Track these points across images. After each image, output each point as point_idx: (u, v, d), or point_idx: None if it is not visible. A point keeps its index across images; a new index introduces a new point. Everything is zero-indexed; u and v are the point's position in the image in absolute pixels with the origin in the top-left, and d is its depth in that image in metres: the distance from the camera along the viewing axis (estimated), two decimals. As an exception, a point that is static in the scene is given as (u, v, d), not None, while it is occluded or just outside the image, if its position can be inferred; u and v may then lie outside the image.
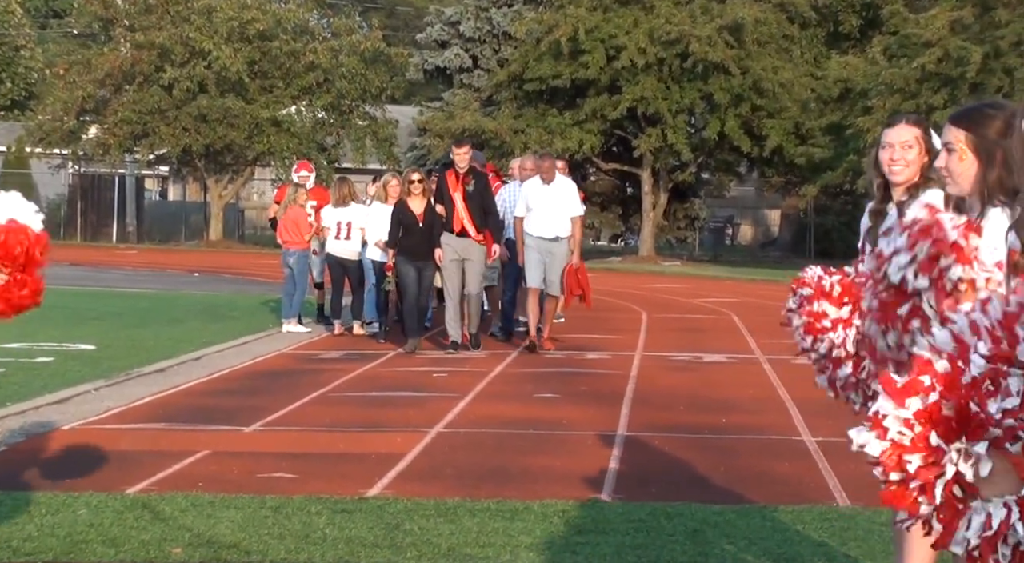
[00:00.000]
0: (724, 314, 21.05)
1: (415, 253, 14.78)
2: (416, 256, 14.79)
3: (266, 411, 10.74)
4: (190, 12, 43.13)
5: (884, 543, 6.50)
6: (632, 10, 39.88)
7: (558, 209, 15.05)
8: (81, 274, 27.06)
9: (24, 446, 9.16)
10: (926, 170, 5.23)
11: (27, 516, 7.01)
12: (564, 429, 10.09)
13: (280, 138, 43.03)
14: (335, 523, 6.95)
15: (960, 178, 3.99)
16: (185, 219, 49.31)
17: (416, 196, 14.83)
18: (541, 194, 15.11)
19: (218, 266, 32.95)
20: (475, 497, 7.57)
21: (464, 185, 14.76)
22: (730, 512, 7.28)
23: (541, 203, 15.06)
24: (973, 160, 3.95)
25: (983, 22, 33.33)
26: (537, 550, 6.47)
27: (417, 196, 14.82)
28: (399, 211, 14.89)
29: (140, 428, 9.98)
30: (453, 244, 14.75)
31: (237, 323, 17.87)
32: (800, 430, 10.16)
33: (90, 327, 17.01)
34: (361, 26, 48.37)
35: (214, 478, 8.10)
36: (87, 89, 43.31)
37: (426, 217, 14.75)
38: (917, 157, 5.26)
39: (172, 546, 6.50)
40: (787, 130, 39.72)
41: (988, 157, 3.85)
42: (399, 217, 14.85)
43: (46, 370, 12.88)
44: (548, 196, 15.09)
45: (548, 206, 15.03)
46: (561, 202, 15.10)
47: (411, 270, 14.87)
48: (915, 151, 5.26)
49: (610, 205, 47.25)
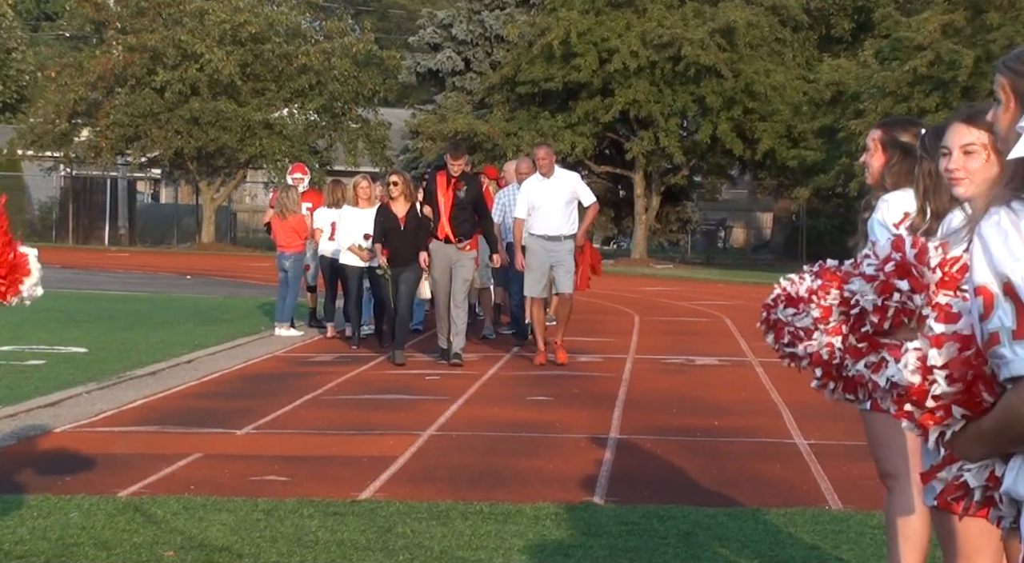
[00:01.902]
0: (716, 317, 21.06)
1: (396, 257, 14.19)
2: (397, 261, 14.19)
3: (258, 414, 10.73)
4: (182, 15, 43.12)
5: (876, 546, 6.50)
6: (624, 13, 39.93)
7: (562, 205, 14.02)
8: (73, 277, 27.02)
9: (16, 449, 9.15)
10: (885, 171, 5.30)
11: (18, 519, 7.00)
12: (556, 432, 10.10)
13: (272, 141, 43.00)
14: (327, 526, 6.95)
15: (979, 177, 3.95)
16: (177, 222, 49.26)
17: (397, 199, 14.22)
18: (542, 190, 14.03)
19: (210, 269, 32.92)
20: (468, 500, 7.57)
21: (455, 191, 14.05)
22: (722, 515, 7.29)
23: (543, 199, 13.99)
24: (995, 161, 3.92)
25: (975, 25, 33.39)
26: (529, 553, 6.47)
27: (398, 199, 14.21)
28: (382, 214, 14.34)
29: (132, 431, 9.97)
30: (441, 252, 14.07)
31: (229, 326, 17.85)
32: (792, 433, 10.17)
33: (82, 330, 16.99)
34: (353, 29, 48.34)
35: (206, 481, 8.09)
36: (79, 92, 43.27)
37: (408, 220, 14.14)
38: (875, 159, 5.34)
39: (164, 549, 6.50)
40: (779, 133, 39.77)
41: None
42: (382, 220, 14.29)
43: (37, 373, 12.86)
44: (550, 191, 14.02)
45: (551, 202, 13.96)
46: (567, 196, 14.09)
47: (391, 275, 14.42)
48: (874, 153, 5.35)
49: (602, 208, 47.09)
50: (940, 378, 2.52)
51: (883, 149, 5.34)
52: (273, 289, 19.28)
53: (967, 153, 4.02)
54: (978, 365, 2.51)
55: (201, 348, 15.09)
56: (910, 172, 5.17)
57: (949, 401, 2.53)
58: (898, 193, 5.17)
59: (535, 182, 14.16)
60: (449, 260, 14.07)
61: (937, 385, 2.52)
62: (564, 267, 13.98)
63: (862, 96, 34.87)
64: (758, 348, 15.75)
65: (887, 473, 5.43)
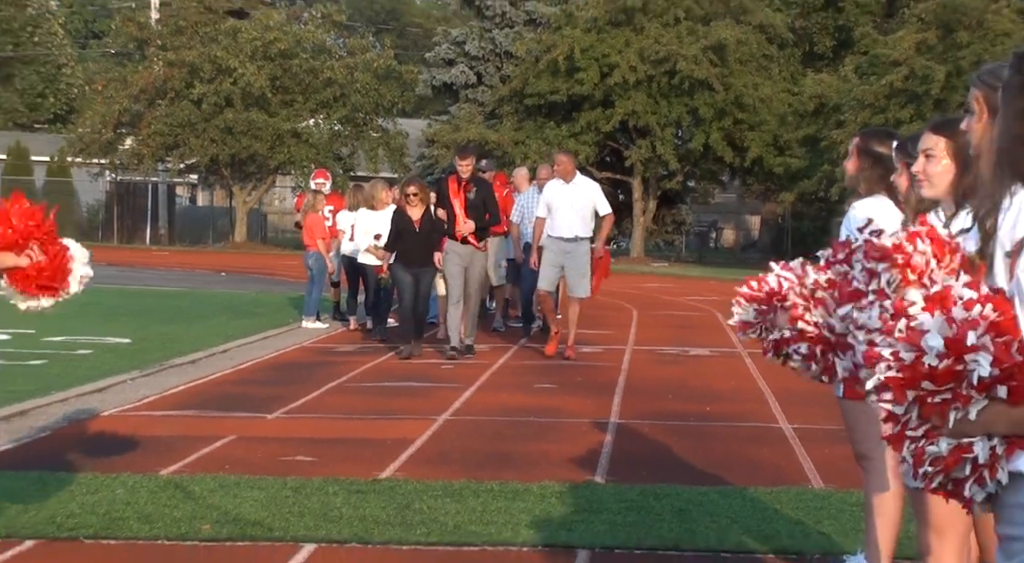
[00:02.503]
0: (708, 311, 21.04)
1: (411, 259, 13.79)
2: (412, 262, 13.80)
3: (287, 400, 10.75)
4: (217, 33, 43.12)
5: (855, 521, 6.51)
6: (624, 31, 39.88)
7: (579, 209, 13.63)
8: (118, 274, 27.04)
9: (66, 431, 9.18)
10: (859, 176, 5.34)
11: (69, 495, 7.03)
12: (561, 417, 10.10)
13: (300, 148, 43.02)
14: (351, 502, 6.96)
15: (937, 180, 4.00)
16: (212, 223, 49.27)
17: (414, 206, 13.90)
18: (562, 194, 13.68)
19: (243, 266, 32.93)
20: (479, 479, 7.58)
21: (466, 192, 13.74)
22: (713, 493, 7.29)
23: (562, 203, 13.63)
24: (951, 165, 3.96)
25: (946, 43, 33.37)
26: (536, 528, 6.48)
27: (415, 206, 13.90)
28: (397, 217, 13.97)
29: (172, 415, 9.99)
30: (458, 252, 13.82)
31: (261, 319, 17.86)
32: (778, 418, 10.17)
33: (126, 322, 17.01)
34: (374, 45, 48.30)
35: (240, 461, 8.10)
36: (123, 104, 43.30)
37: (423, 223, 13.78)
38: (851, 164, 5.39)
39: (201, 523, 6.51)
40: (766, 142, 39.70)
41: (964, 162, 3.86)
42: (397, 223, 13.92)
43: (86, 362, 12.89)
44: (569, 196, 13.66)
45: (569, 206, 13.61)
46: (584, 202, 13.67)
47: (407, 276, 13.91)
48: (852, 159, 5.39)
49: (603, 211, 47.22)
50: (982, 360, 2.46)
51: (858, 156, 5.37)
52: (300, 285, 19.29)
53: (928, 157, 4.06)
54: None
55: (235, 339, 15.09)
56: (880, 179, 5.19)
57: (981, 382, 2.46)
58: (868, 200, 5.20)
59: (556, 186, 13.83)
60: (463, 260, 13.82)
61: (979, 365, 2.46)
62: (579, 270, 13.59)
63: (843, 108, 34.84)
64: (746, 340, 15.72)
65: (862, 455, 5.44)
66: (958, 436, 2.55)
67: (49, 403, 10.18)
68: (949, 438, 2.56)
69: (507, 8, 45.88)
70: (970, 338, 2.46)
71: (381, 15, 72.94)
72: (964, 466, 2.58)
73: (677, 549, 6.16)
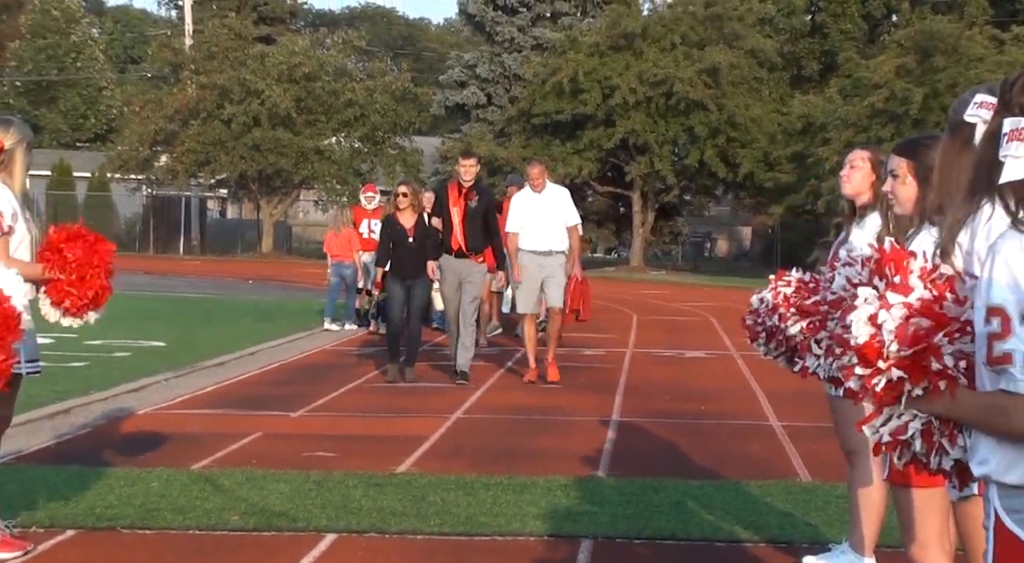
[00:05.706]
0: (703, 316, 21.01)
1: (404, 270, 11.87)
2: (405, 273, 11.87)
3: (310, 398, 10.74)
4: (247, 57, 43.26)
5: (840, 513, 6.49)
6: (624, 55, 39.96)
7: (551, 220, 11.85)
8: (153, 282, 27.08)
9: (105, 428, 9.18)
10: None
11: (107, 488, 7.02)
12: (566, 415, 10.08)
13: (322, 165, 43.13)
14: (369, 495, 6.94)
15: (903, 200, 4.00)
16: (241, 234, 49.34)
17: (405, 210, 11.99)
18: (532, 204, 11.90)
19: (269, 275, 32.95)
20: (490, 473, 7.56)
21: (467, 201, 11.83)
22: (708, 486, 7.26)
23: (533, 214, 11.85)
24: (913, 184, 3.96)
25: (923, 67, 33.42)
26: (543, 519, 6.47)
27: (406, 210, 11.99)
28: (388, 227, 12.06)
29: (203, 413, 9.98)
30: (454, 266, 11.82)
31: (285, 323, 17.86)
32: (768, 416, 10.14)
33: (160, 326, 17.01)
34: (392, 69, 48.34)
35: (265, 456, 8.09)
36: (159, 124, 43.45)
37: (417, 232, 11.92)
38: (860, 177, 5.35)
39: (231, 514, 6.50)
40: (757, 158, 39.70)
41: (926, 181, 3.85)
42: (388, 232, 12.02)
43: (123, 363, 12.89)
44: (540, 206, 11.88)
45: (541, 217, 11.84)
46: (554, 212, 11.89)
47: (398, 289, 11.92)
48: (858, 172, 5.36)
49: (605, 222, 47.26)
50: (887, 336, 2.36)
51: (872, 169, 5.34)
52: (322, 292, 19.29)
53: (894, 177, 4.06)
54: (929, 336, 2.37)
55: (262, 342, 15.09)
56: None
57: (897, 362, 2.37)
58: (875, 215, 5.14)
59: (525, 196, 12.04)
60: (459, 275, 11.83)
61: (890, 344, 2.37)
62: (555, 281, 11.82)
63: (828, 127, 34.85)
64: (739, 343, 15.71)
65: (850, 450, 5.42)
66: (925, 412, 2.48)
67: (89, 402, 10.18)
68: (905, 412, 2.50)
69: (515, 34, 45.94)
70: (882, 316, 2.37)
71: (399, 40, 73.07)
72: (914, 438, 2.52)
73: (674, 539, 6.13)
